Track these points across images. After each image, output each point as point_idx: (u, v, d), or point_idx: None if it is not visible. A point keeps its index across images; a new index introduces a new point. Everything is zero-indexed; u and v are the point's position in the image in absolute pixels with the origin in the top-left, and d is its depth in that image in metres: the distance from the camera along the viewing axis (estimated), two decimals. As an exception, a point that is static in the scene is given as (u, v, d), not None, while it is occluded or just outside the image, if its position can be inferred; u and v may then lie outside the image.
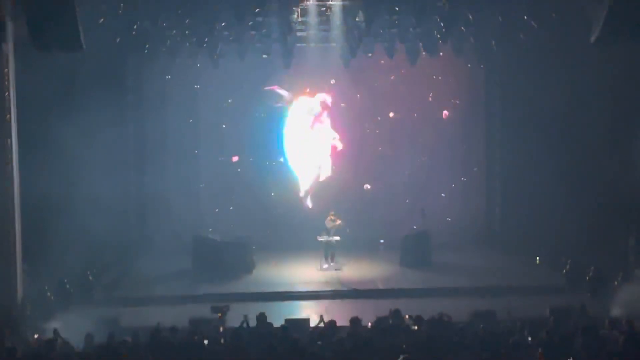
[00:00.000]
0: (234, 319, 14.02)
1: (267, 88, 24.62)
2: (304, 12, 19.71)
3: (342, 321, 13.84)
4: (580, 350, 11.55)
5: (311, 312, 16.04)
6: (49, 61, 17.84)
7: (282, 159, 25.07)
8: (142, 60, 23.19)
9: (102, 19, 18.50)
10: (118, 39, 20.47)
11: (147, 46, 21.61)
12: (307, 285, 19.87)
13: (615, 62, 19.35)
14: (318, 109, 25.01)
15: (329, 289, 19.39)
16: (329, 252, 21.34)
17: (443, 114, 25.07)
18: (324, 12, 19.71)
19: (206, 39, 20.78)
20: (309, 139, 25.11)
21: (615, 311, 15.43)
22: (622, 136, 19.60)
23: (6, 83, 16.25)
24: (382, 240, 23.71)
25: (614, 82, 19.69)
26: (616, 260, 18.44)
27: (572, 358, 11.07)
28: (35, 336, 14.22)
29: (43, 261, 18.28)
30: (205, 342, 12.38)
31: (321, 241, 21.39)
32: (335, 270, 20.94)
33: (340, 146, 24.97)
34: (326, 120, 25.13)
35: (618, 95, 19.61)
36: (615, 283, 17.25)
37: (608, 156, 20.15)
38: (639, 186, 18.67)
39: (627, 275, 17.60)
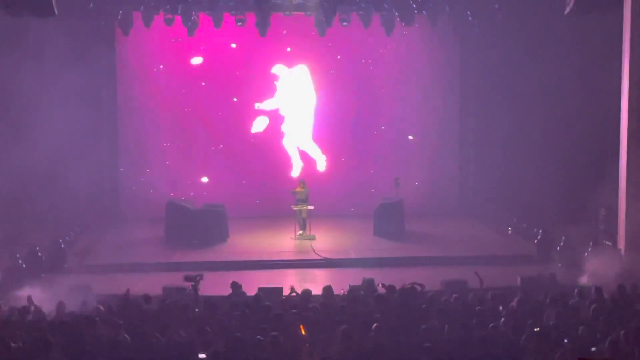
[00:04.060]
0: (207, 288, 14.03)
1: None
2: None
3: (316, 290, 13.94)
4: (550, 318, 11.72)
5: (285, 281, 16.08)
6: (21, 25, 17.59)
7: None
8: (115, 27, 22.86)
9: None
10: (91, 5, 20.21)
11: (120, 12, 21.36)
12: (281, 254, 19.91)
13: (588, 33, 19.45)
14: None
15: (302, 258, 19.45)
16: (303, 221, 21.36)
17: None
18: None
19: (180, 6, 20.52)
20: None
21: (585, 280, 15.64)
22: (594, 107, 19.74)
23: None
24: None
25: (587, 53, 19.79)
26: (586, 231, 18.64)
27: (542, 327, 11.20)
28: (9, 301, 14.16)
29: (14, 229, 18.16)
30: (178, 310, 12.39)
31: (295, 210, 21.40)
32: (309, 239, 20.97)
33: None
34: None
35: (590, 66, 19.72)
36: (586, 253, 17.44)
37: (580, 127, 20.30)
38: (610, 157, 18.85)
39: (597, 245, 17.81)
